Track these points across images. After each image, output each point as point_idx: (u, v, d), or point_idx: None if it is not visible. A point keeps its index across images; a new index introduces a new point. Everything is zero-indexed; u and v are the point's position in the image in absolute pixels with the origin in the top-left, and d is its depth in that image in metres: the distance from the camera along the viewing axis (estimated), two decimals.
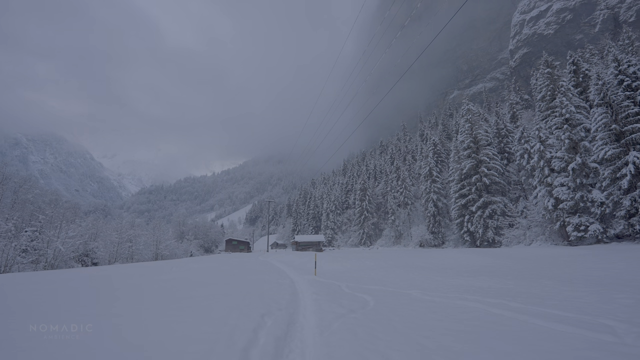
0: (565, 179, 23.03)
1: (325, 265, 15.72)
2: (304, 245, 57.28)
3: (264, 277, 10.83)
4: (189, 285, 8.85)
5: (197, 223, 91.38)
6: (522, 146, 32.21)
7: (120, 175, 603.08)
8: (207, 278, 10.50)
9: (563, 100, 24.60)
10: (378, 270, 13.31)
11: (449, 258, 17.45)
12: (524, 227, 29.82)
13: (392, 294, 7.51)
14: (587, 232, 21.06)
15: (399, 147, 79.43)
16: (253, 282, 9.36)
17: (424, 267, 14.23)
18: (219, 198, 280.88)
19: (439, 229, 43.87)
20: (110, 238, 27.54)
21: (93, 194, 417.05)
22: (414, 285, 8.93)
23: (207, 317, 4.89)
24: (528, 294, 6.75)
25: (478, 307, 5.66)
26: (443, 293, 7.33)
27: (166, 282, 9.47)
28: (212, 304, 6.10)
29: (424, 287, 8.31)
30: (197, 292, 7.66)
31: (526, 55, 78.93)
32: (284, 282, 9.60)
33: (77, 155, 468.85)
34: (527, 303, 5.78)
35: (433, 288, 8.09)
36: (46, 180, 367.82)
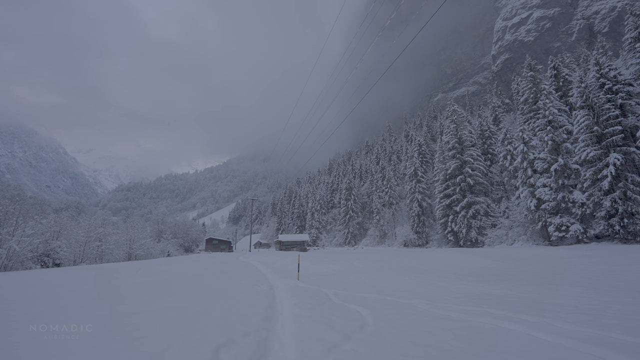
0: (547, 179, 23.31)
1: (310, 267, 14.27)
2: (288, 244, 56.23)
3: (238, 282, 9.55)
4: (145, 293, 7.38)
5: (177, 222, 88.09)
6: (505, 147, 32.68)
7: (96, 171, 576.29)
8: (172, 284, 9.11)
9: (546, 102, 24.93)
10: (370, 274, 12.00)
11: (442, 259, 16.45)
12: (506, 227, 30.20)
13: (393, 305, 6.33)
14: (568, 233, 21.35)
15: (385, 148, 79.81)
16: (223, 290, 8.04)
17: (419, 269, 13.17)
18: (201, 196, 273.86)
19: (423, 229, 44.06)
20: (76, 237, 25.31)
21: (66, 190, 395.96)
22: (415, 292, 7.80)
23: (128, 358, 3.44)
24: (565, 306, 5.55)
25: (516, 329, 4.29)
26: (455, 304, 6.18)
27: (118, 289, 8.06)
28: (153, 326, 4.59)
29: (428, 296, 7.25)
30: (147, 305, 6.15)
31: (508, 60, 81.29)
32: (261, 290, 8.37)
33: (48, 149, 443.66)
34: (579, 322, 4.47)
35: (439, 297, 7.05)
36: (13, 175, 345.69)
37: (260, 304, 6.40)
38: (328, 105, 35.97)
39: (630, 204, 18.21)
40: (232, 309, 5.84)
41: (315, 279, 10.86)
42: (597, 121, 20.55)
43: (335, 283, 9.80)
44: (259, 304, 6.38)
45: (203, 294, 7.41)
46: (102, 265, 16.10)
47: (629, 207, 18.21)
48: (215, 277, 10.73)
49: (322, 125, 39.29)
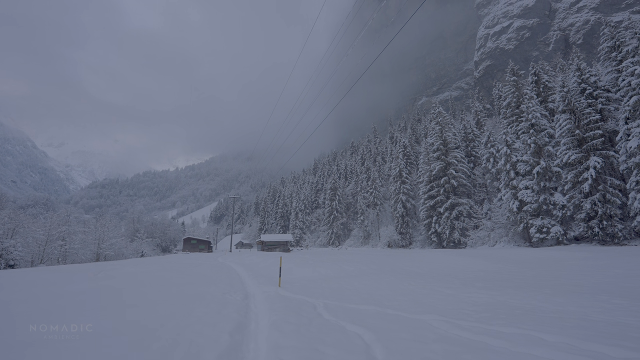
0: (530, 182, 23.60)
1: (295, 271, 12.73)
2: (271, 245, 54.90)
3: (207, 289, 7.98)
4: (85, 306, 5.62)
5: (154, 220, 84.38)
6: (488, 150, 33.17)
7: (68, 167, 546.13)
8: (127, 292, 7.30)
9: (529, 105, 25.32)
10: (362, 278, 10.58)
11: (436, 261, 15.60)
12: (488, 229, 30.54)
13: (400, 322, 5.01)
14: (549, 234, 21.64)
15: (370, 149, 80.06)
16: (186, 301, 6.44)
17: (416, 272, 11.93)
18: (181, 195, 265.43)
19: (407, 230, 44.13)
20: (34, 235, 22.97)
21: (34, 186, 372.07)
22: (421, 303, 6.44)
23: None
24: (634, 327, 4.33)
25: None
26: (481, 322, 4.84)
27: (52, 299, 6.08)
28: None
29: (439, 309, 5.94)
30: (74, 324, 4.28)
31: (489, 67, 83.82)
32: (233, 300, 6.73)
33: (15, 142, 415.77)
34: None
35: (455, 310, 5.77)
36: None
37: (228, 323, 4.90)
38: (311, 104, 35.26)
39: (609, 206, 18.60)
40: (185, 332, 4.22)
41: (300, 286, 9.49)
42: (578, 125, 20.97)
43: (324, 291, 8.47)
44: (225, 323, 4.87)
45: (159, 307, 5.81)
46: (59, 267, 14.42)
47: (608, 210, 18.60)
48: (183, 282, 9.21)
49: (306, 124, 38.47)
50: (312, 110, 32.31)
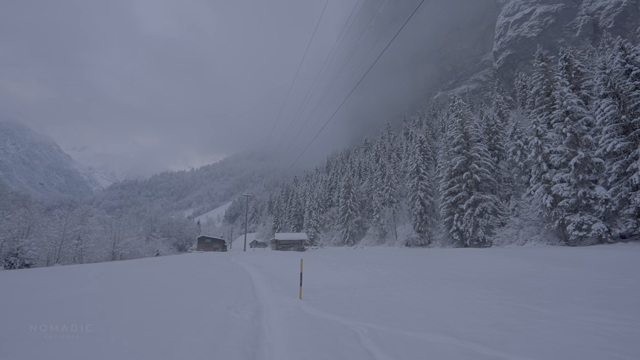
0: (565, 174, 21.54)
1: (317, 275, 10.32)
2: (285, 244, 54.17)
3: (209, 300, 6.44)
4: (64, 316, 4.72)
5: (170, 220, 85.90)
6: (515, 142, 30.94)
7: (91, 169, 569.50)
8: (107, 303, 5.97)
9: (563, 91, 23.16)
10: (403, 286, 8.40)
11: (480, 262, 12.87)
12: (516, 226, 28.46)
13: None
14: (589, 232, 19.59)
15: (384, 145, 78.06)
16: (172, 323, 4.78)
17: (469, 278, 9.44)
18: (197, 195, 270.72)
19: (425, 228, 42.28)
20: (49, 234, 23.05)
21: (60, 188, 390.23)
22: (524, 335, 4.37)
23: None
24: None
25: None
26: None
27: (42, 309, 5.21)
28: None
29: (559, 346, 3.94)
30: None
31: (510, 57, 79.84)
32: (238, 322, 5.03)
33: (42, 147, 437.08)
34: None
35: (588, 352, 3.74)
36: (6, 173, 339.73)
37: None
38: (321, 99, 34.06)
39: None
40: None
41: (326, 297, 7.31)
42: (623, 110, 18.81)
43: (361, 306, 6.34)
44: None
45: (126, 336, 4.14)
46: (67, 267, 14.04)
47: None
48: (183, 289, 7.72)
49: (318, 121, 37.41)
50: (324, 108, 31.18)
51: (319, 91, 29.20)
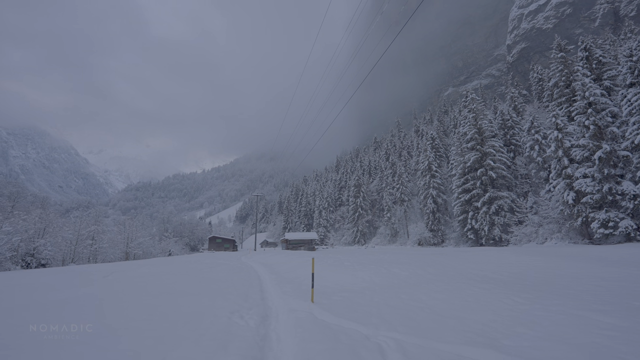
0: (589, 169, 20.41)
1: (329, 276, 9.61)
2: (295, 243, 54.00)
3: (212, 304, 5.98)
4: (48, 319, 4.42)
5: (182, 220, 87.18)
6: (532, 137, 29.72)
7: (106, 172, 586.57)
8: (106, 305, 5.72)
9: (585, 81, 21.97)
10: (425, 287, 7.53)
11: (506, 261, 11.62)
12: (535, 224, 27.28)
13: None
14: (616, 229, 18.47)
15: (394, 143, 76.93)
16: (170, 329, 4.43)
17: (499, 279, 8.36)
18: (208, 195, 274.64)
19: (438, 227, 41.27)
20: (63, 235, 23.51)
21: (78, 190, 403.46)
22: (584, 350, 3.58)
23: None
24: None
25: None
26: None
27: (30, 311, 4.96)
28: None
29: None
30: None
31: (524, 50, 77.27)
32: (242, 330, 4.60)
33: (60, 150, 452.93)
34: None
35: None
36: (27, 176, 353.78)
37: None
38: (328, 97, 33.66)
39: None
40: None
41: (341, 300, 6.60)
42: None
43: (382, 311, 5.58)
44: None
45: (122, 340, 3.93)
46: (80, 266, 14.14)
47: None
48: (187, 290, 7.35)
49: (328, 121, 37.06)
50: (333, 107, 30.78)
51: (327, 91, 28.79)
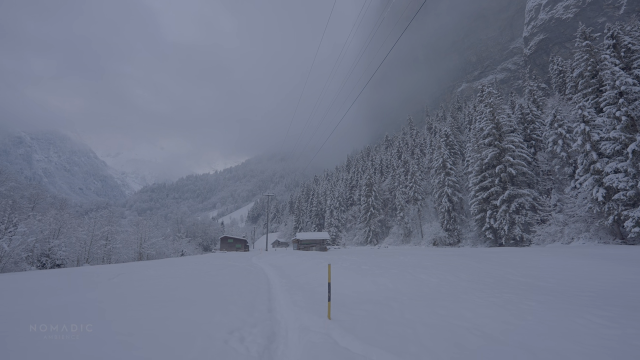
0: (621, 164, 18.96)
1: (346, 282, 8.35)
2: (307, 243, 53.51)
3: (210, 319, 5.06)
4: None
5: (195, 221, 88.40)
6: (555, 131, 28.12)
7: (123, 174, 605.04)
8: (102, 315, 5.31)
9: (615, 70, 20.46)
10: (467, 300, 6.05)
11: (537, 263, 10.10)
12: (560, 223, 25.74)
13: None
14: None
15: (406, 141, 75.37)
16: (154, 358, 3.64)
17: (553, 289, 6.77)
18: (221, 196, 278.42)
19: (454, 226, 39.87)
20: (77, 235, 23.84)
21: (97, 192, 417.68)
22: None
23: None
24: None
25: None
26: None
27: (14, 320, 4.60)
28: None
29: None
30: None
31: (542, 42, 74.08)
32: (244, 356, 3.77)
33: (80, 154, 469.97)
34: None
35: None
36: (50, 179, 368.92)
37: None
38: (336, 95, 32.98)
39: None
40: None
41: (364, 316, 5.26)
42: None
43: (418, 331, 4.33)
44: None
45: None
46: (88, 268, 14.07)
47: None
48: (189, 298, 6.65)
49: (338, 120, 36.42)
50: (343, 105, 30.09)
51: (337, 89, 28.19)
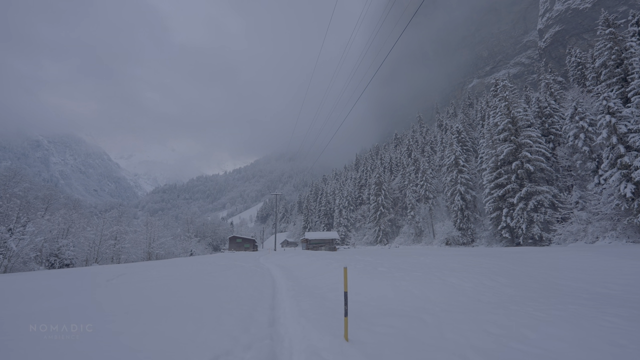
0: None
1: (362, 286, 7.08)
2: (316, 243, 52.90)
3: (198, 332, 4.14)
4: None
5: (205, 221, 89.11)
6: (576, 124, 26.65)
7: (136, 175, 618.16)
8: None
9: None
10: (519, 313, 4.64)
11: (577, 264, 8.92)
12: (583, 222, 24.34)
13: None
14: None
15: (416, 139, 73.91)
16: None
17: (608, 294, 5.87)
18: (230, 196, 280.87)
19: (467, 225, 38.58)
20: (85, 235, 23.92)
21: (110, 193, 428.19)
22: None
23: None
24: None
25: None
26: None
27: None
28: None
29: None
30: None
31: (558, 33, 71.37)
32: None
33: (95, 156, 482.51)
34: None
35: None
36: (66, 181, 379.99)
37: None
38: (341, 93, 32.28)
39: None
40: None
41: (391, 335, 4.01)
42: None
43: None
44: None
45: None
46: (92, 268, 13.86)
47: None
48: (185, 302, 5.99)
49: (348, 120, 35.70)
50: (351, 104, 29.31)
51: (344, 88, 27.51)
